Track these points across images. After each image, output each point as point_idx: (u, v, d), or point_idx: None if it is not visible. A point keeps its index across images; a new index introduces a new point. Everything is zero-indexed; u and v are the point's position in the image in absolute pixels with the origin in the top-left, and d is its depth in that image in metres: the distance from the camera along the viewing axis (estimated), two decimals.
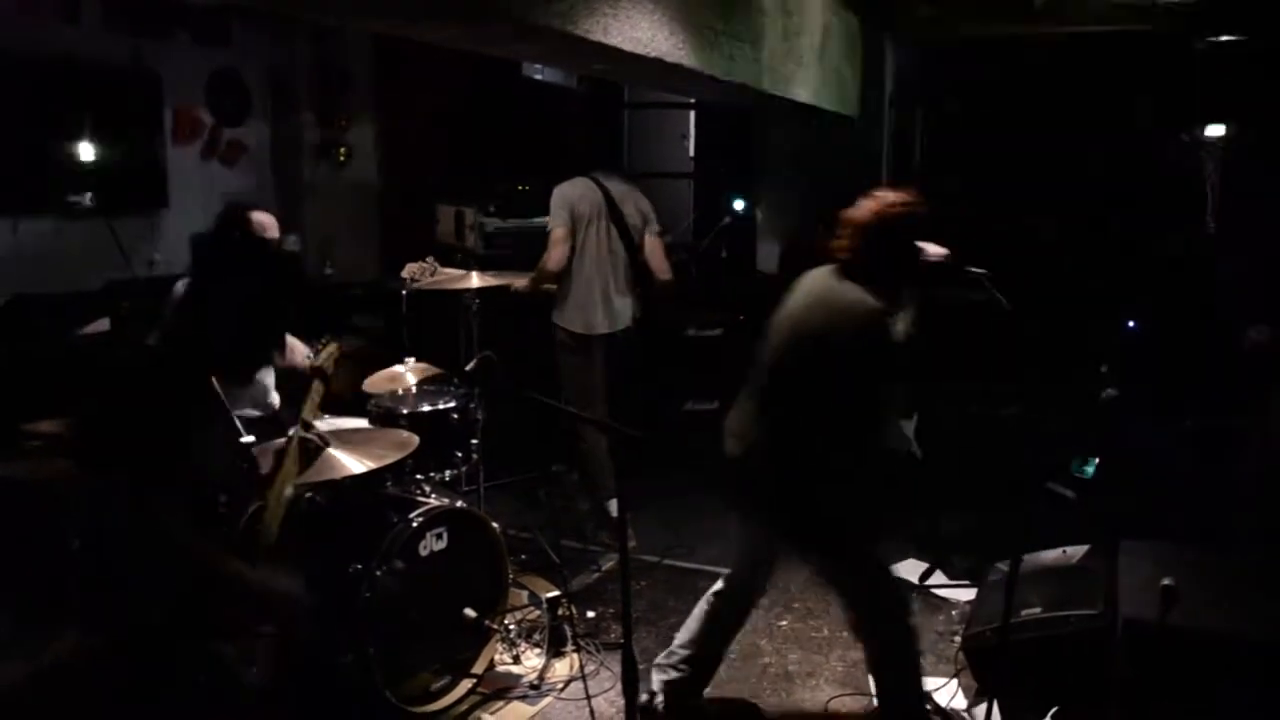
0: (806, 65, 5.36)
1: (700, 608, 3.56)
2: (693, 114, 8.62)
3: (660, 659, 3.59)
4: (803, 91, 5.35)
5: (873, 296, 3.08)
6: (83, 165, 4.72)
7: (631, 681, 2.04)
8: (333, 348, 2.97)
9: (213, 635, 2.22)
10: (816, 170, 6.21)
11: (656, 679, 3.55)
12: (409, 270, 4.58)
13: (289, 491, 2.60)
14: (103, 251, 4.81)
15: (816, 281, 3.26)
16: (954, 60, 6.67)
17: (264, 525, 2.44)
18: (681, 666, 3.54)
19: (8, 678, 3.53)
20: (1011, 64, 6.41)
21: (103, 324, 4.48)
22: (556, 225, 4.97)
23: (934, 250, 3.23)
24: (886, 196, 3.20)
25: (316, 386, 2.89)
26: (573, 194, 5.00)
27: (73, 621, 2.54)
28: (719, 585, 3.54)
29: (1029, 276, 6.03)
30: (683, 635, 3.57)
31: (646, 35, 3.72)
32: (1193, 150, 6.13)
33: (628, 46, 3.61)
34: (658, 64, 3.91)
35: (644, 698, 3.55)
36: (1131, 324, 5.73)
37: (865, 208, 3.20)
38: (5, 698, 3.44)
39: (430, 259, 4.58)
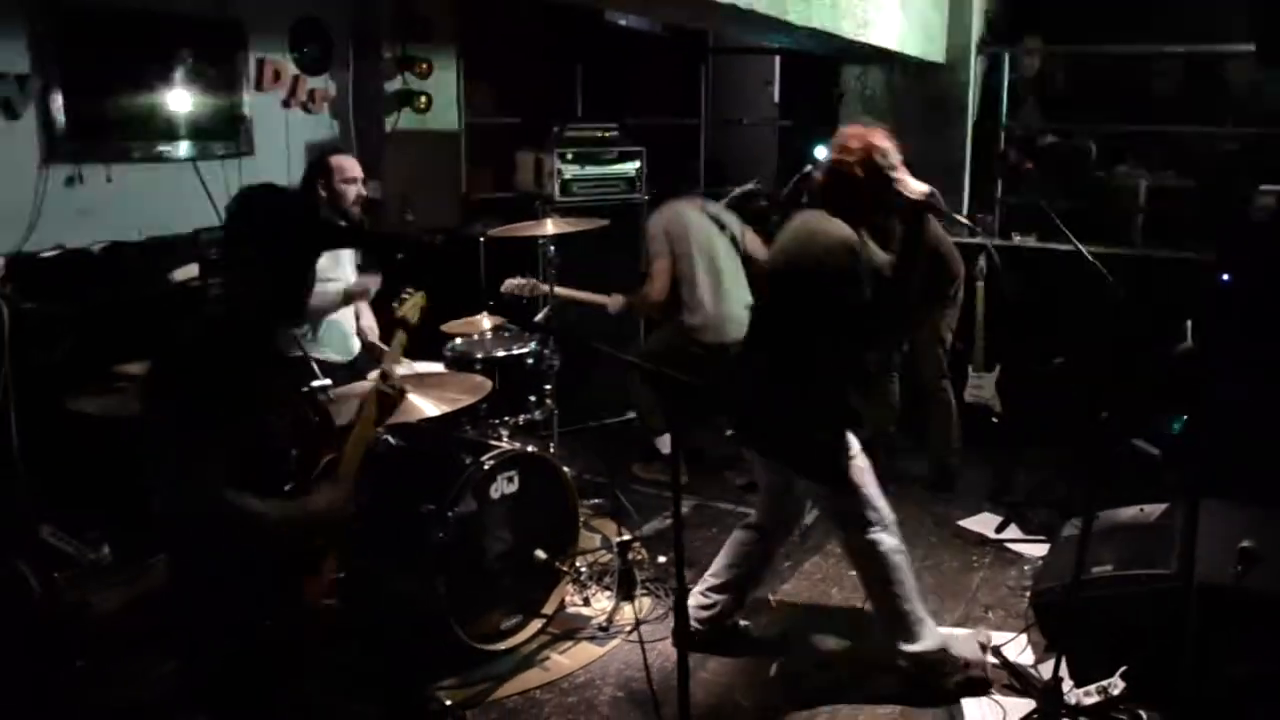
0: (887, 9, 5.23)
1: (732, 537, 3.72)
2: (778, 60, 8.50)
3: (695, 586, 3.70)
4: (884, 36, 5.22)
5: (848, 228, 3.19)
6: (171, 114, 4.82)
7: (684, 624, 2.06)
8: (418, 298, 3.00)
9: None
10: (900, 117, 6.07)
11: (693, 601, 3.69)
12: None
13: (365, 441, 2.65)
14: (191, 198, 4.95)
15: (797, 219, 3.42)
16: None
17: (339, 476, 2.49)
18: (709, 594, 3.68)
19: (109, 603, 3.75)
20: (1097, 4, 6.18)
21: (192, 269, 4.63)
22: (658, 256, 5.05)
23: (916, 186, 3.23)
24: (844, 132, 3.30)
25: (399, 336, 2.92)
26: (668, 222, 5.13)
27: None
28: (750, 517, 3.71)
29: (1116, 227, 5.92)
30: (714, 564, 3.72)
31: None
32: None
33: None
34: (732, 9, 3.86)
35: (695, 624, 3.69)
36: (1225, 277, 5.51)
37: (832, 144, 3.33)
38: (106, 619, 3.65)
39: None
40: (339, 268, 4.21)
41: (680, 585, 2.09)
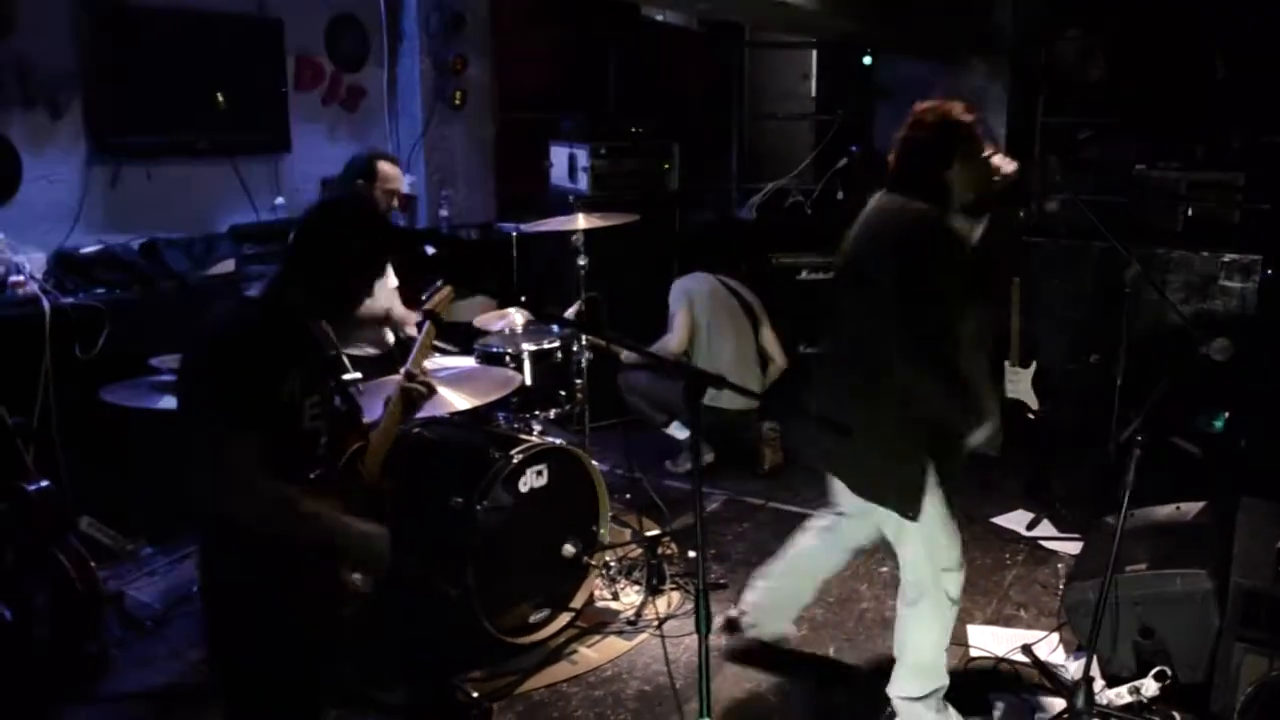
0: None
1: (802, 538, 3.53)
2: (815, 53, 8.43)
3: (753, 578, 3.64)
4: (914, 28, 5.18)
5: (926, 205, 2.89)
6: (211, 113, 4.89)
7: (705, 616, 2.06)
8: (446, 291, 3.02)
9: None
10: None
11: (747, 597, 3.62)
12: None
13: (391, 437, 2.68)
14: (229, 195, 5.02)
15: (869, 204, 3.10)
16: None
17: (364, 466, 2.53)
18: (768, 590, 3.58)
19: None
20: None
21: (228, 265, 4.69)
22: (680, 310, 5.23)
23: (1005, 163, 3.09)
24: (918, 106, 3.01)
25: (429, 330, 2.95)
26: (690, 281, 5.35)
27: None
28: (825, 521, 3.47)
29: (1157, 225, 5.82)
30: (778, 561, 3.58)
31: None
32: None
33: None
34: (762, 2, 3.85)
35: (733, 612, 3.67)
36: (1270, 271, 5.41)
37: (903, 123, 3.03)
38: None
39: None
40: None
41: (701, 579, 2.08)
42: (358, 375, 3.20)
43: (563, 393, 4.30)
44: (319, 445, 2.39)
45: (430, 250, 2.88)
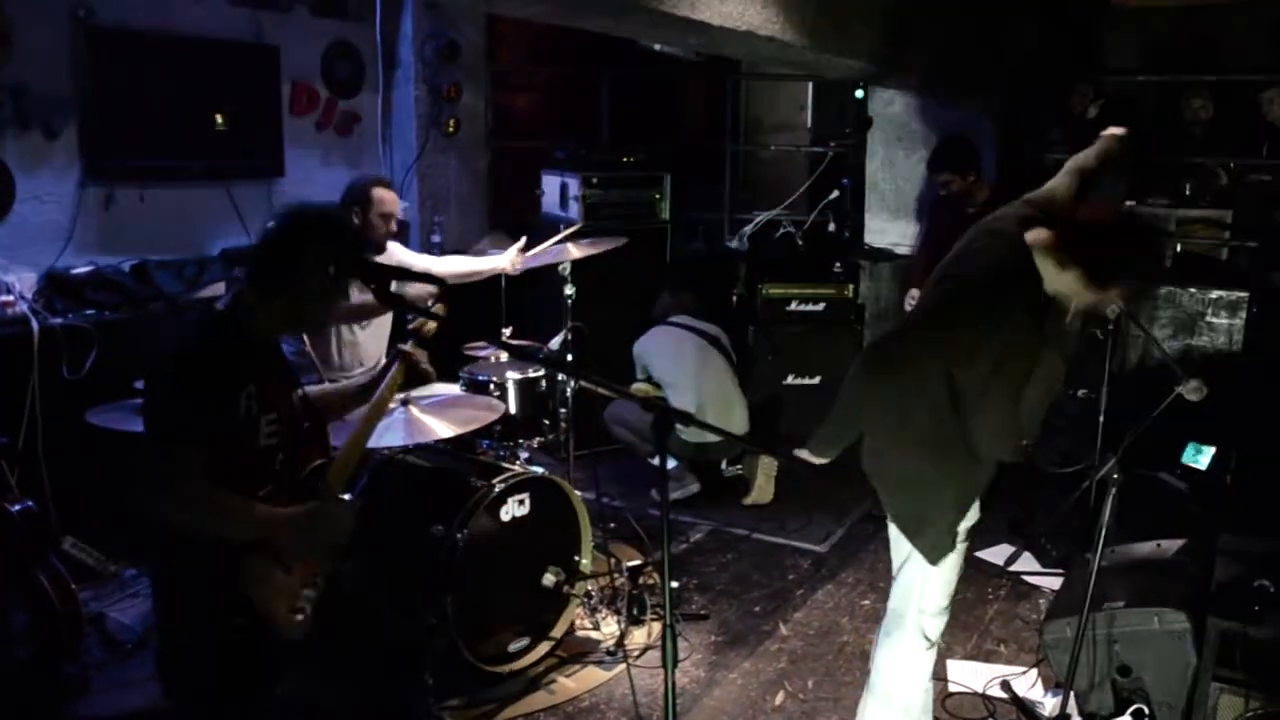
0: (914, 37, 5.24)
1: None
2: (810, 85, 8.51)
3: None
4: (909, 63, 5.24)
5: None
6: (206, 137, 4.92)
7: (673, 651, 2.05)
8: (431, 327, 2.95)
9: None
10: (930, 145, 6.06)
11: None
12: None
13: (355, 455, 2.66)
14: (222, 219, 5.05)
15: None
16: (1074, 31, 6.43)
17: (326, 481, 2.50)
18: None
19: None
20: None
21: (219, 288, 4.72)
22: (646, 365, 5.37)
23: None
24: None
25: (404, 358, 2.87)
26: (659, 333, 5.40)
27: None
28: None
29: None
30: None
31: (736, 10, 3.70)
32: None
33: (716, 21, 3.61)
34: (750, 37, 3.90)
35: None
36: (1255, 309, 5.45)
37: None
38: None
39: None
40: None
41: (668, 609, 2.08)
42: (321, 389, 3.20)
43: (547, 421, 4.32)
44: (274, 462, 2.39)
45: (434, 304, 2.77)
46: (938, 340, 2.70)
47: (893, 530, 2.91)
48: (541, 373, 4.26)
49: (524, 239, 4.69)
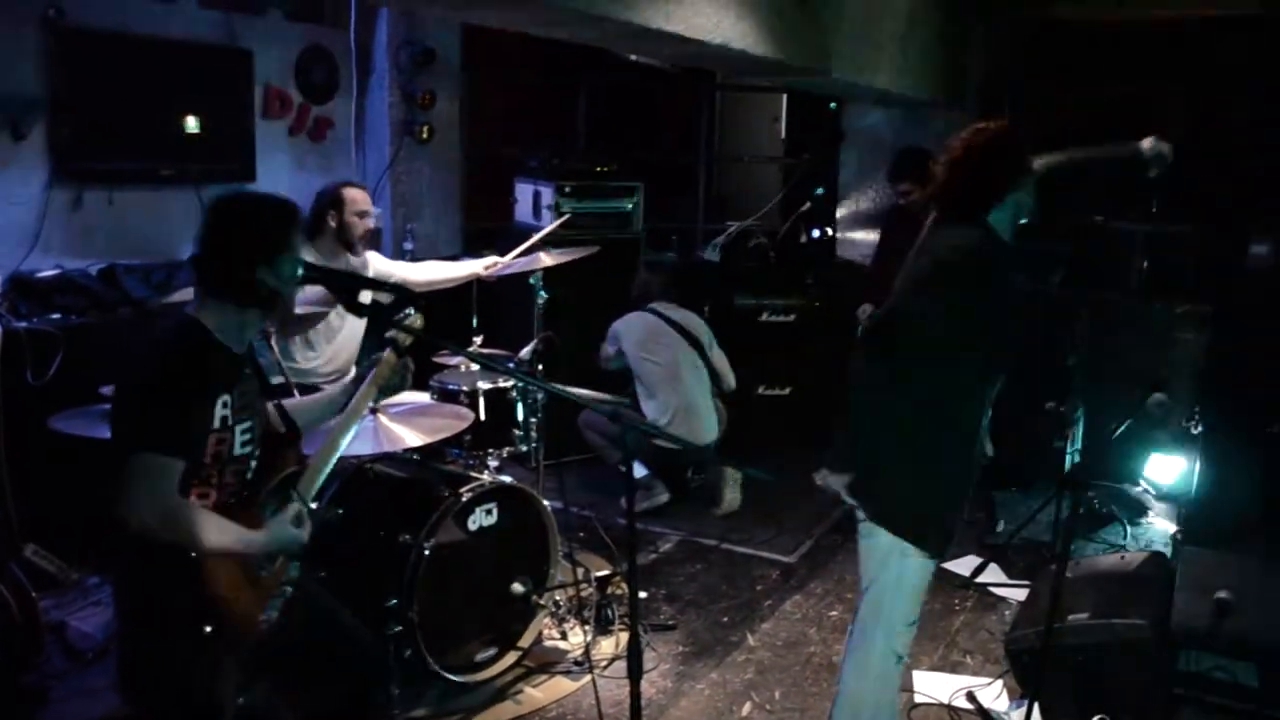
0: (885, 50, 5.28)
1: None
2: (785, 97, 8.55)
3: None
4: (881, 78, 5.27)
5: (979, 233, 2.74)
6: (177, 140, 4.87)
7: (636, 660, 2.06)
8: (415, 319, 2.89)
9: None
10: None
11: None
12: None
13: (329, 464, 2.64)
14: (192, 223, 5.00)
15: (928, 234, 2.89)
16: (1044, 43, 6.49)
17: (296, 492, 2.48)
18: None
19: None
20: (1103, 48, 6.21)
21: (188, 293, 4.66)
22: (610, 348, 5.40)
23: None
24: (975, 125, 2.88)
25: (384, 363, 2.83)
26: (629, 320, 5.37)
27: None
28: None
29: (1109, 274, 5.92)
30: None
31: (710, 21, 3.72)
32: None
33: (690, 33, 3.62)
34: (723, 49, 3.91)
35: None
36: (1223, 323, 5.52)
37: (953, 144, 2.85)
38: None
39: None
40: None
41: (634, 619, 2.09)
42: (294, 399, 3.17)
43: (517, 430, 4.30)
44: (248, 469, 2.38)
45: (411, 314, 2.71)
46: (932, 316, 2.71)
47: (863, 545, 2.88)
48: (511, 381, 4.24)
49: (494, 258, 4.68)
